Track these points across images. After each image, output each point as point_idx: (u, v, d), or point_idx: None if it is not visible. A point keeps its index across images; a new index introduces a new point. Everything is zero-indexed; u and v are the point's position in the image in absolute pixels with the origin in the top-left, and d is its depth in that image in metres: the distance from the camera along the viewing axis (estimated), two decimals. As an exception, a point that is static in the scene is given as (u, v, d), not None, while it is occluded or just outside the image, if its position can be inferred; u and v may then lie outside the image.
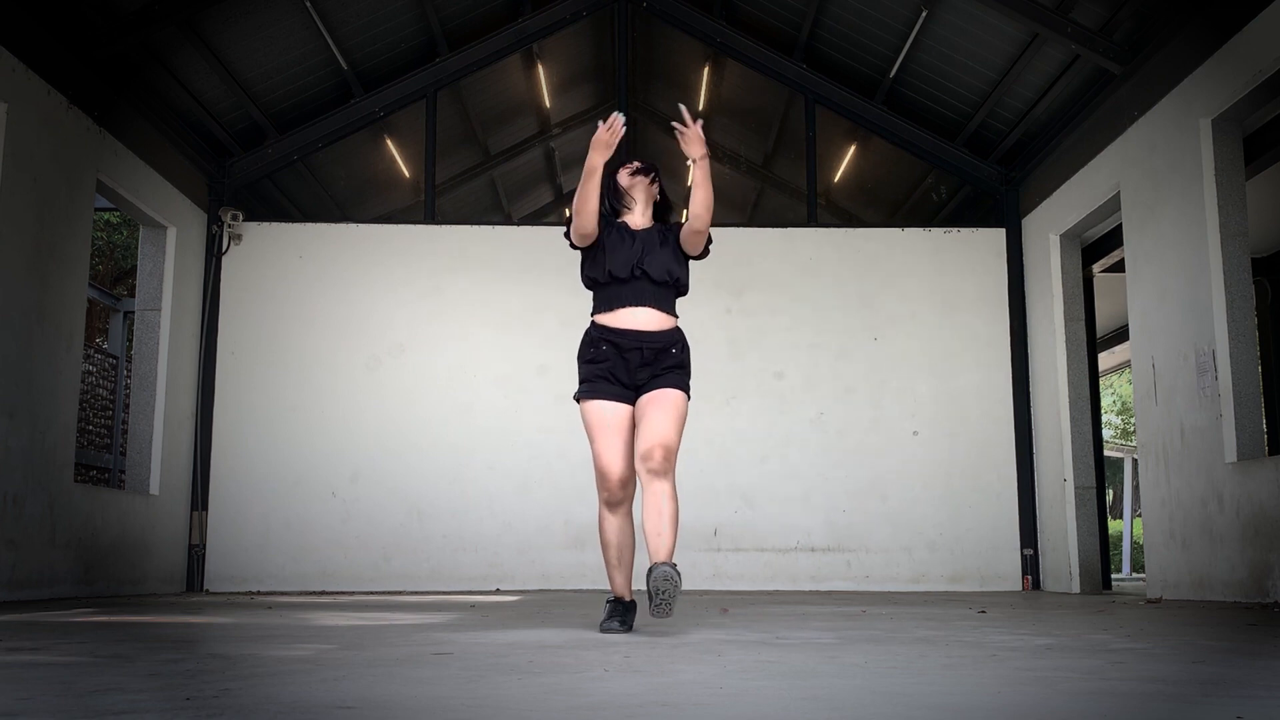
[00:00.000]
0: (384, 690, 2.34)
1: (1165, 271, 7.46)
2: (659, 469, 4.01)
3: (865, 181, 11.72)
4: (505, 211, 13.25)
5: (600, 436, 4.10)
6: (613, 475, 4.06)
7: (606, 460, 4.07)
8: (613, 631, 4.04)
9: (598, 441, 4.11)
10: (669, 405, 4.08)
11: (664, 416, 4.05)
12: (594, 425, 4.12)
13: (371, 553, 9.37)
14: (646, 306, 4.13)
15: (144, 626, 4.59)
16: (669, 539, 4.00)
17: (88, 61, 7.64)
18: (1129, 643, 3.59)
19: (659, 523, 4.02)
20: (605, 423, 4.10)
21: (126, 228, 16.03)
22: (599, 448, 4.10)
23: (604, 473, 4.07)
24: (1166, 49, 7.36)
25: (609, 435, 4.08)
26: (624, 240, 4.18)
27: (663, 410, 4.06)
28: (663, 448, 4.00)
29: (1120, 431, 29.02)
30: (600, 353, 4.13)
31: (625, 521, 4.16)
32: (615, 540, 4.17)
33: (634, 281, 4.13)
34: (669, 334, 4.17)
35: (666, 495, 4.03)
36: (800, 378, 9.67)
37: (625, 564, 4.20)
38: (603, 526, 4.17)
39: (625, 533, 4.17)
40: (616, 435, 4.08)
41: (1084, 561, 8.89)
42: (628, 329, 4.12)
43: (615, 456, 4.07)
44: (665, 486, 4.03)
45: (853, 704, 2.15)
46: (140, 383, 8.91)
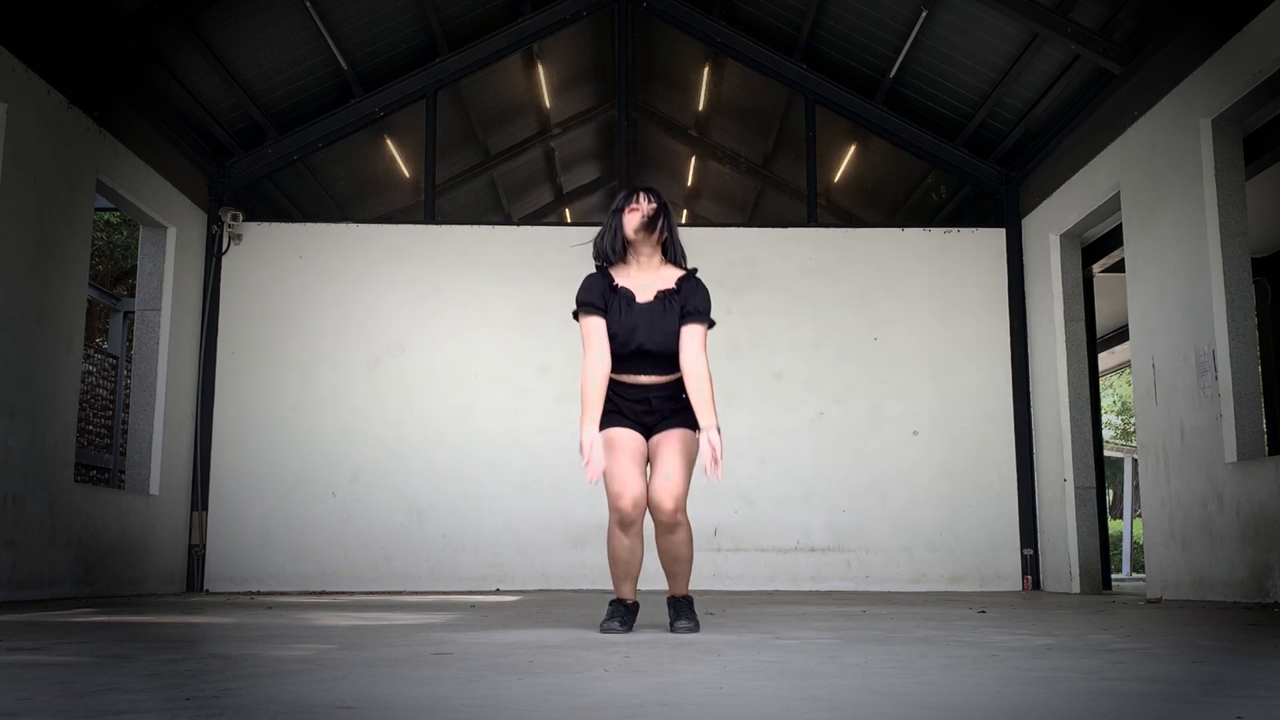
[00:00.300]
0: (384, 690, 2.34)
1: (1165, 271, 7.46)
2: (669, 521, 4.08)
3: (865, 181, 11.72)
4: (505, 211, 13.25)
5: (614, 457, 4.11)
6: (625, 497, 4.05)
7: (621, 481, 4.07)
8: (613, 632, 4.05)
9: (612, 462, 4.11)
10: (677, 446, 4.13)
11: (673, 460, 4.10)
12: (609, 447, 4.14)
13: (371, 553, 9.37)
14: (648, 375, 4.18)
15: (144, 626, 4.59)
16: (682, 577, 4.25)
17: (88, 61, 7.64)
18: (1129, 643, 3.59)
19: (674, 565, 4.23)
20: (619, 445, 4.12)
21: (126, 228, 16.03)
22: (612, 467, 4.11)
23: (618, 493, 4.07)
24: (1166, 49, 7.36)
25: (622, 457, 4.10)
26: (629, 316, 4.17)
27: (671, 453, 4.11)
28: (673, 500, 4.06)
29: (1120, 431, 29.02)
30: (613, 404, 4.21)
31: (636, 541, 4.15)
32: (625, 559, 4.18)
33: (638, 356, 4.16)
34: (675, 382, 4.21)
35: (683, 542, 4.16)
36: (800, 378, 9.66)
37: (633, 576, 4.22)
38: (612, 544, 4.17)
39: (635, 551, 4.17)
40: (630, 457, 4.10)
41: (1084, 561, 8.89)
42: (635, 384, 4.20)
43: (628, 479, 4.06)
44: (682, 534, 4.14)
45: (853, 704, 2.14)
46: (140, 383, 8.91)
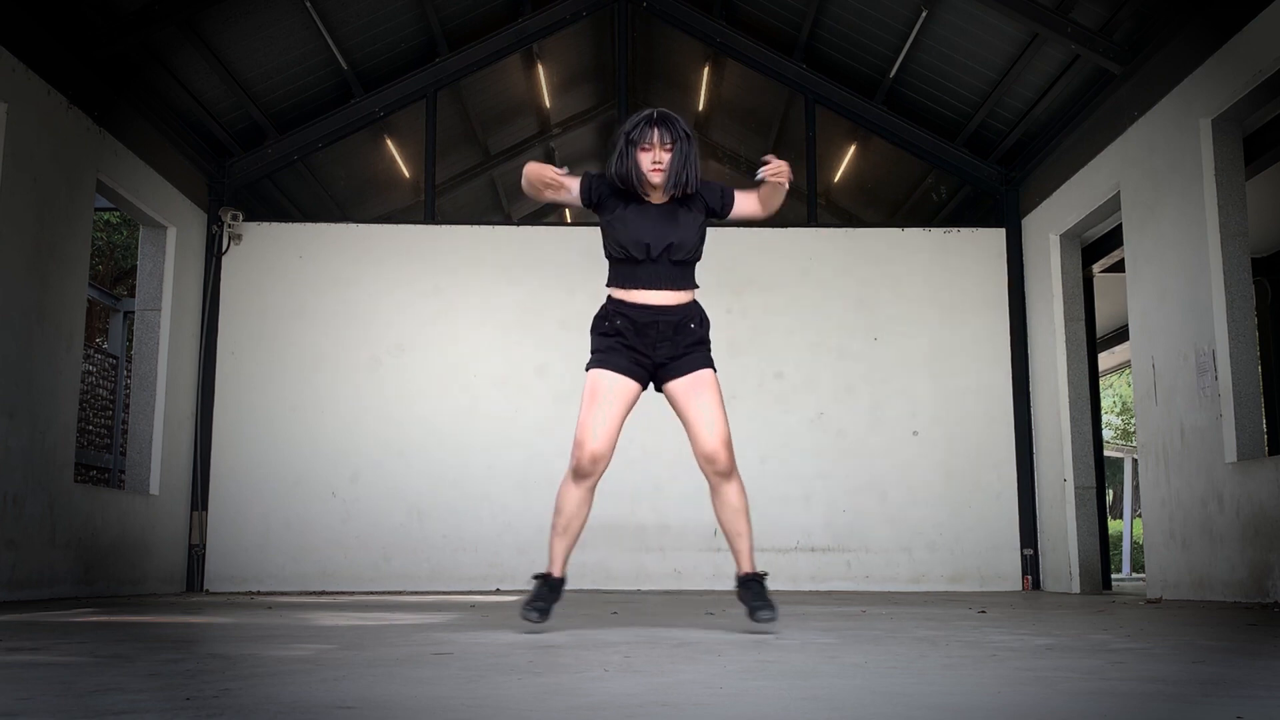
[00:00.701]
0: (384, 690, 2.34)
1: (1165, 271, 7.46)
2: (726, 469, 3.98)
3: (865, 181, 11.72)
4: (505, 211, 13.25)
5: (590, 404, 3.98)
6: (587, 446, 3.94)
7: (587, 430, 3.95)
8: (530, 620, 3.92)
9: (586, 409, 3.98)
10: (710, 392, 3.99)
11: (712, 407, 3.97)
12: (588, 392, 4.00)
13: (371, 553, 9.37)
14: (664, 289, 4.00)
15: (144, 626, 4.59)
16: (749, 539, 4.06)
17: (88, 61, 7.64)
18: (1129, 643, 3.59)
19: (738, 522, 4.05)
20: (602, 391, 3.98)
21: (126, 228, 16.03)
22: (584, 415, 3.98)
23: (580, 441, 3.95)
24: (1166, 49, 7.36)
25: (600, 406, 3.97)
26: (642, 216, 4.01)
27: (707, 400, 3.98)
28: (726, 447, 3.96)
29: (1120, 431, 29.02)
30: (615, 326, 4.02)
31: (586, 495, 4.02)
32: (569, 509, 4.03)
33: (650, 263, 3.99)
34: (686, 307, 4.04)
35: (738, 492, 4.03)
36: (800, 378, 9.66)
37: (571, 534, 4.06)
38: (562, 493, 4.03)
39: (583, 505, 4.03)
40: (608, 407, 3.96)
41: (1084, 561, 8.89)
42: (644, 304, 4.00)
43: (598, 429, 3.94)
44: (736, 484, 4.02)
45: (853, 704, 2.14)
46: (140, 383, 8.91)
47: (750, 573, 4.03)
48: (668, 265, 4.00)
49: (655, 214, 4.02)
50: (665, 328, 4.00)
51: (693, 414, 3.98)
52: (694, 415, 3.98)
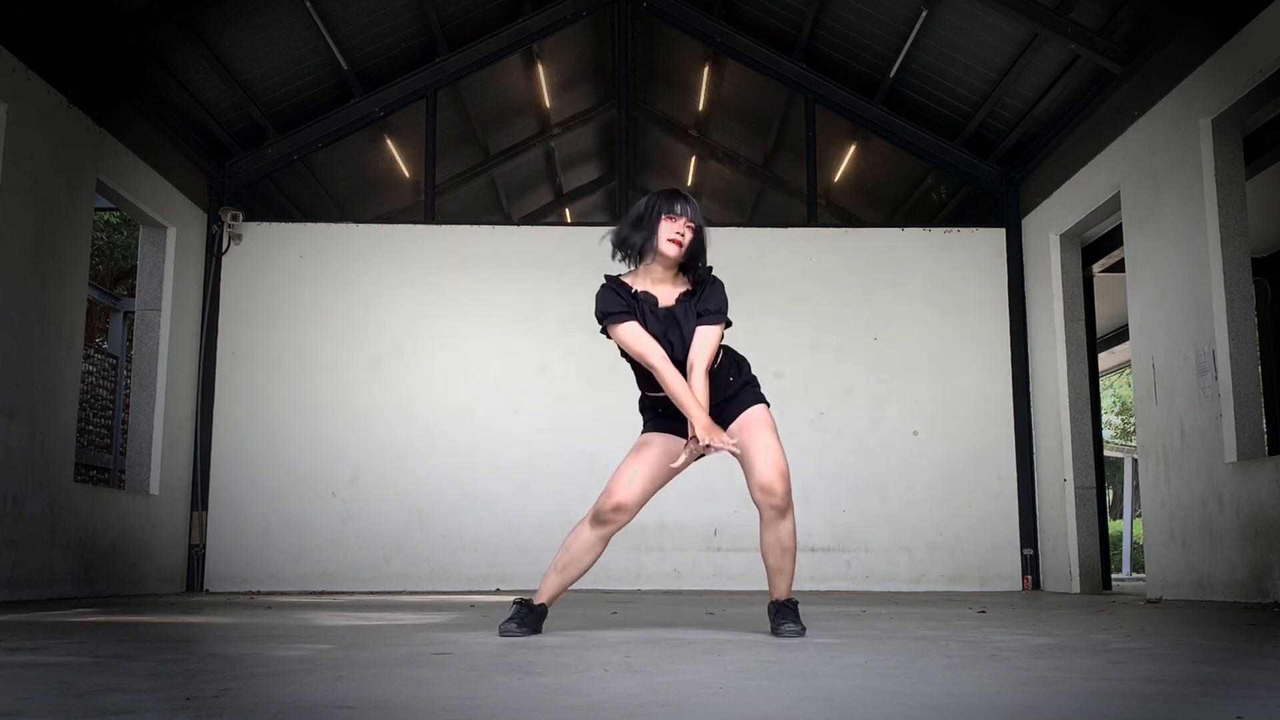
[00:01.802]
0: (384, 690, 2.34)
1: (1165, 271, 7.46)
2: (782, 504, 3.88)
3: (865, 181, 11.72)
4: (505, 211, 13.24)
5: (632, 456, 3.99)
6: (615, 494, 3.92)
7: (620, 479, 3.94)
8: (510, 634, 3.85)
9: (627, 460, 3.99)
10: (766, 425, 3.94)
11: (769, 440, 3.90)
12: (635, 445, 4.03)
13: (371, 553, 9.37)
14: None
15: (144, 626, 4.59)
16: (789, 576, 3.99)
17: (88, 61, 7.64)
18: (1129, 643, 3.59)
19: (782, 561, 3.95)
20: (645, 450, 3.99)
21: (126, 228, 16.03)
22: (623, 465, 3.98)
23: (610, 489, 3.94)
24: (1166, 49, 7.36)
25: (641, 461, 3.96)
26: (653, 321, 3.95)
27: (764, 433, 3.91)
28: (783, 479, 3.85)
29: (1120, 431, 29.03)
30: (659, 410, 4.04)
31: (597, 542, 3.98)
32: (576, 552, 3.99)
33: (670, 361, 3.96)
34: (716, 372, 4.01)
35: (790, 532, 3.92)
36: (800, 378, 9.66)
37: (568, 577, 4.02)
38: (576, 533, 4.00)
39: (591, 553, 3.99)
40: (648, 465, 3.95)
41: (1084, 561, 8.89)
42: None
43: (631, 481, 3.93)
44: (789, 524, 3.91)
45: (853, 704, 2.14)
46: (140, 383, 8.91)
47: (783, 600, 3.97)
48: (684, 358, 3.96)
49: (668, 319, 3.97)
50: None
51: (749, 449, 3.90)
52: (750, 450, 3.89)
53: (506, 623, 3.91)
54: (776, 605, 3.98)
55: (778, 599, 3.99)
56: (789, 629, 3.86)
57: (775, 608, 3.97)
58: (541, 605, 4.03)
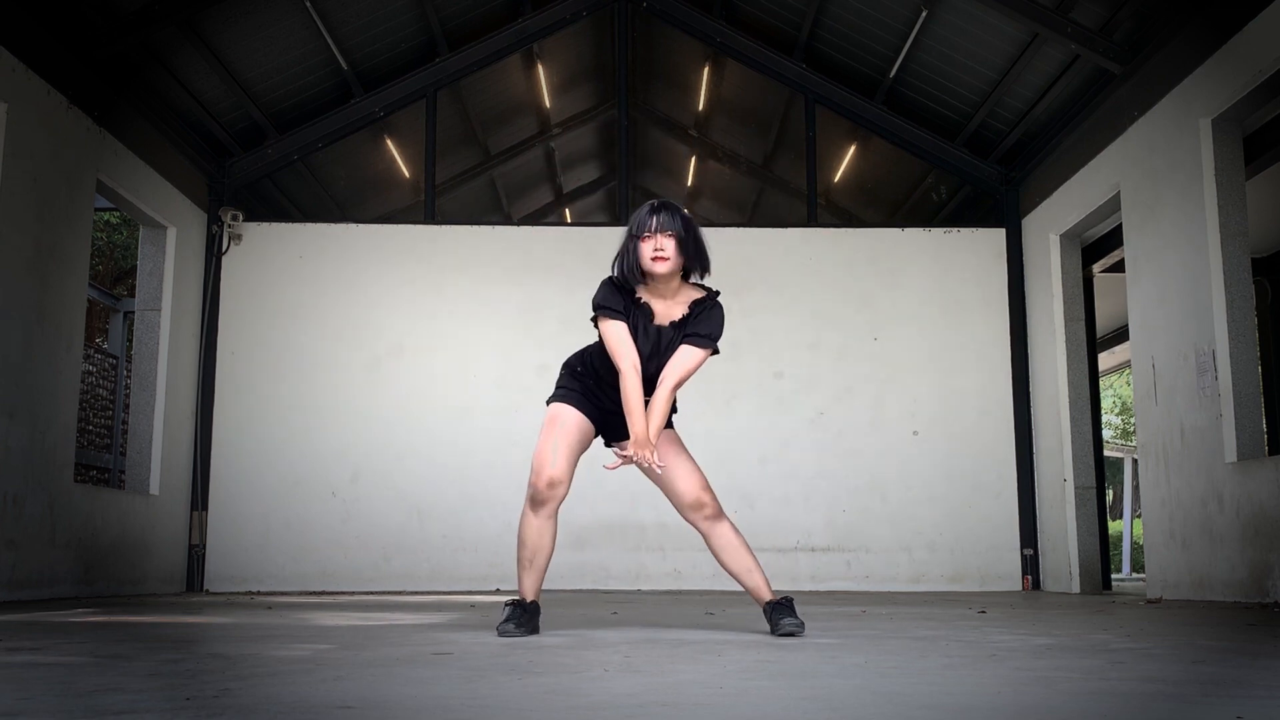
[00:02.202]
0: (384, 690, 2.34)
1: (1165, 271, 7.46)
2: (714, 513, 3.99)
3: (865, 181, 11.72)
4: (505, 211, 13.25)
5: (549, 432, 4.00)
6: (545, 471, 3.94)
7: (545, 456, 3.96)
8: (509, 635, 3.86)
9: (544, 437, 3.99)
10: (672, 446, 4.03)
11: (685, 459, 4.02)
12: (548, 421, 4.02)
13: (371, 553, 9.37)
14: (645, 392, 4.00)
15: (144, 626, 4.59)
16: (760, 573, 4.02)
17: (88, 61, 7.64)
18: (1129, 643, 3.59)
19: (742, 560, 4.01)
20: (561, 421, 4.01)
21: (126, 228, 16.03)
22: (542, 443, 3.99)
23: (537, 468, 3.96)
24: (1166, 49, 7.36)
25: (559, 435, 3.98)
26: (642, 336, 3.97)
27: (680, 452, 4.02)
28: (708, 491, 3.98)
29: (1120, 431, 29.03)
30: (588, 372, 4.08)
31: (547, 524, 4.03)
32: (532, 541, 4.04)
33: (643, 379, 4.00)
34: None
35: (731, 529, 4.02)
36: (800, 378, 9.66)
37: (538, 568, 4.06)
38: (523, 524, 4.04)
39: (545, 535, 4.03)
40: (567, 437, 3.99)
41: (1084, 561, 8.89)
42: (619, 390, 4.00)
43: (557, 456, 3.95)
44: (727, 525, 4.02)
45: (853, 704, 2.14)
46: (140, 383, 8.91)
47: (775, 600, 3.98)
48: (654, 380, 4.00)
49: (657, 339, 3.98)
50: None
51: (670, 468, 3.98)
52: (671, 467, 3.98)
53: (504, 624, 3.91)
54: (770, 606, 3.97)
55: (768, 600, 3.99)
56: (790, 623, 3.86)
57: (770, 608, 3.97)
58: (533, 603, 4.03)
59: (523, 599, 4.03)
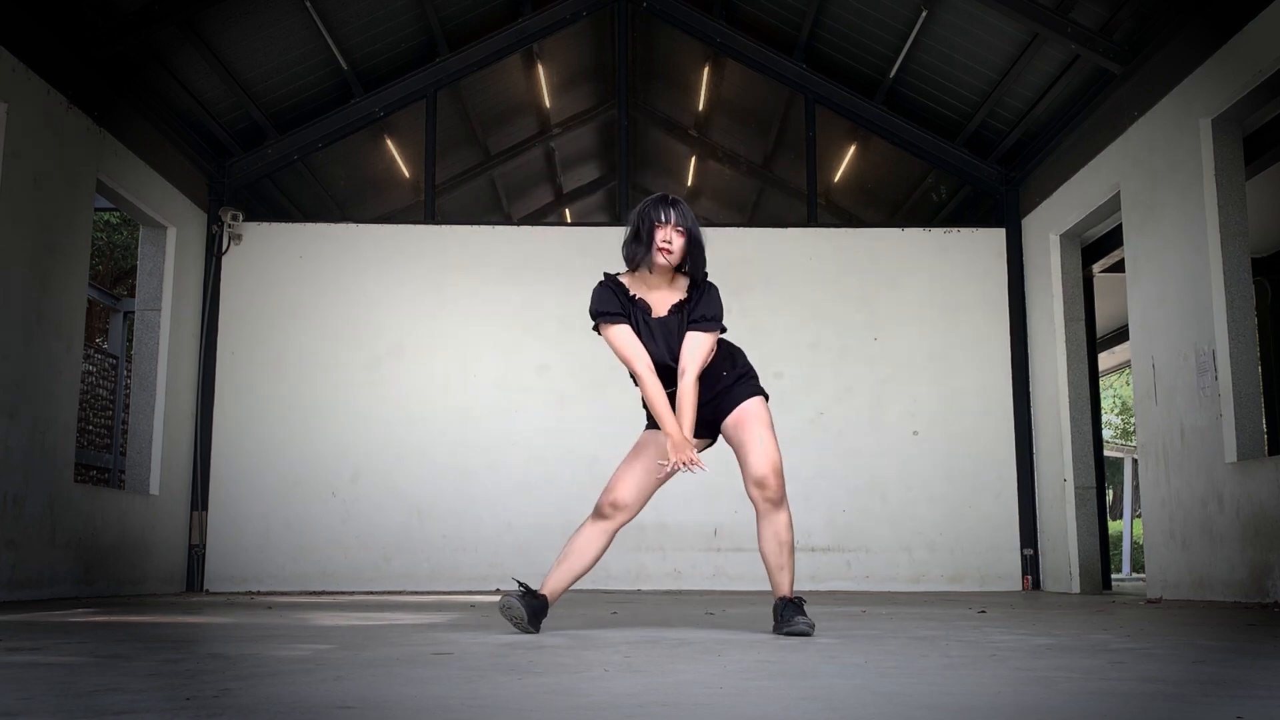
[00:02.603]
0: (384, 690, 2.34)
1: (1165, 271, 7.46)
2: (776, 497, 3.95)
3: (865, 181, 11.72)
4: (505, 211, 13.25)
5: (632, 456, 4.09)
6: (613, 491, 4.04)
7: (619, 478, 4.05)
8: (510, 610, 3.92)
9: (626, 458, 4.09)
10: (760, 420, 3.99)
11: (763, 434, 3.96)
12: (636, 444, 4.12)
13: (371, 553, 9.37)
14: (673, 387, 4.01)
15: (144, 626, 4.59)
16: (791, 571, 4.03)
17: (88, 61, 7.64)
18: (1129, 643, 3.59)
19: (781, 556, 4.01)
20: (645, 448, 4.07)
21: (126, 228, 16.03)
22: (622, 464, 4.09)
23: (610, 486, 4.05)
24: (1166, 49, 7.36)
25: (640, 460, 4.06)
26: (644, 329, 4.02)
27: (757, 428, 3.98)
28: (776, 473, 3.93)
29: (1120, 431, 29.02)
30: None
31: (599, 536, 4.06)
32: (578, 546, 4.07)
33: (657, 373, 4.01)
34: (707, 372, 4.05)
35: (786, 525, 3.99)
36: (800, 378, 9.66)
37: (570, 569, 4.08)
38: (582, 530, 4.09)
39: (591, 545, 4.06)
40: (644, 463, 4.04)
41: (1084, 561, 8.89)
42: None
43: (629, 480, 4.03)
44: (784, 517, 3.98)
45: (853, 704, 2.15)
46: (140, 383, 8.91)
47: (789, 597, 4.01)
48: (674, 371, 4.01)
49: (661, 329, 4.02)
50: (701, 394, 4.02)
51: (743, 444, 3.98)
52: (744, 442, 3.98)
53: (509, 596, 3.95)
54: (783, 602, 4.01)
55: (783, 596, 4.02)
56: (800, 622, 3.89)
57: (782, 604, 4.00)
58: (543, 597, 4.05)
59: (539, 589, 4.06)
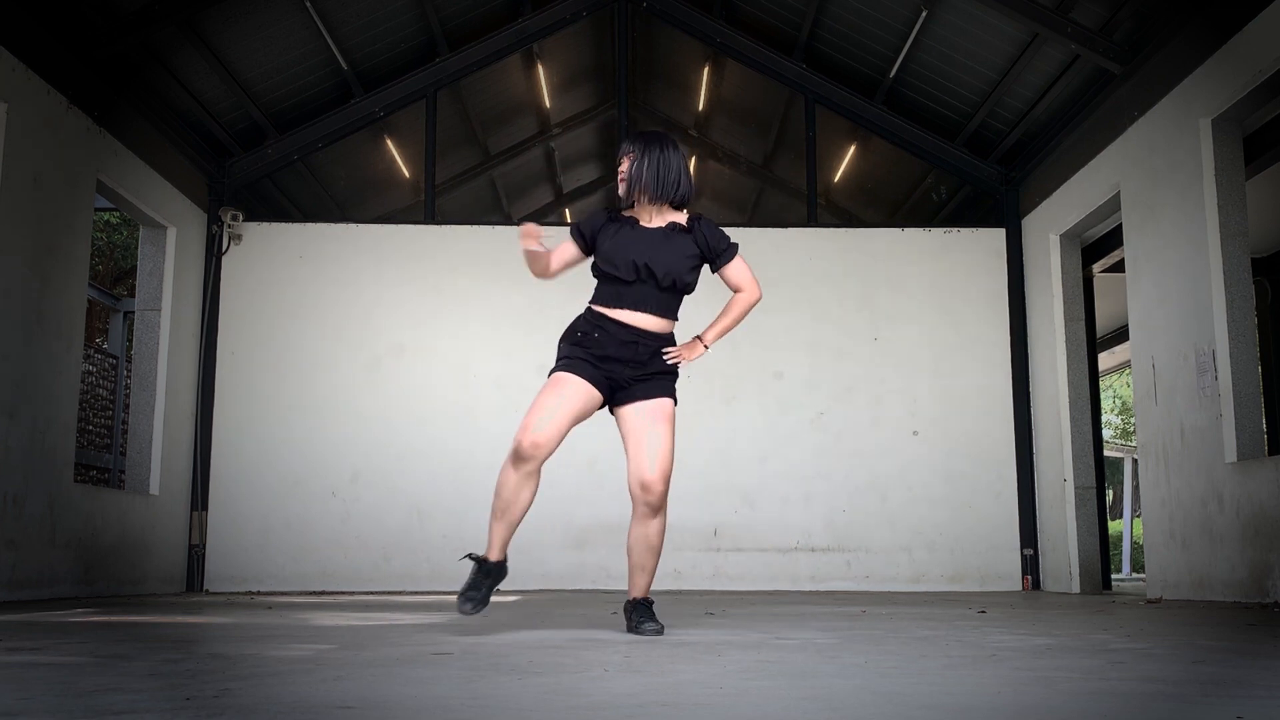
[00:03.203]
0: (384, 690, 2.34)
1: (1165, 271, 7.46)
2: (657, 504, 3.94)
3: (865, 181, 11.72)
4: (505, 211, 13.24)
5: (545, 393, 3.95)
6: (530, 430, 3.89)
7: (535, 415, 3.90)
8: (465, 613, 3.90)
9: (540, 397, 3.94)
10: (665, 424, 3.97)
11: (662, 438, 3.94)
12: (547, 384, 3.98)
13: (371, 553, 9.37)
14: (648, 313, 4.00)
15: (144, 626, 4.59)
16: (650, 574, 4.05)
17: (88, 61, 7.64)
18: (1129, 643, 3.59)
19: (645, 557, 4.01)
20: (560, 386, 3.94)
21: (126, 228, 16.03)
22: (536, 401, 3.94)
23: (525, 425, 3.90)
24: (1166, 49, 7.36)
25: (554, 398, 3.92)
26: (630, 238, 4.03)
27: (660, 431, 3.95)
28: (664, 480, 3.91)
29: (1120, 431, 29.02)
30: (591, 338, 4.01)
31: (527, 481, 3.94)
32: (508, 494, 3.96)
33: (638, 284, 4.00)
34: (665, 337, 4.07)
35: (659, 531, 3.99)
36: (800, 378, 9.66)
37: (510, 521, 3.99)
38: (501, 476, 3.97)
39: (524, 490, 3.95)
40: (563, 402, 3.91)
41: (1084, 561, 8.89)
42: (626, 324, 4.00)
43: (546, 418, 3.89)
44: (659, 522, 3.98)
45: (853, 704, 2.15)
46: (140, 383, 8.91)
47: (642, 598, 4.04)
48: (655, 290, 4.01)
49: (648, 237, 4.05)
50: (642, 351, 4.00)
51: (641, 439, 3.95)
52: (642, 440, 3.95)
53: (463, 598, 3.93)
54: (633, 604, 4.02)
55: (635, 597, 4.03)
56: (649, 627, 3.91)
57: (631, 606, 4.02)
58: (499, 563, 4.04)
59: (486, 557, 4.03)
